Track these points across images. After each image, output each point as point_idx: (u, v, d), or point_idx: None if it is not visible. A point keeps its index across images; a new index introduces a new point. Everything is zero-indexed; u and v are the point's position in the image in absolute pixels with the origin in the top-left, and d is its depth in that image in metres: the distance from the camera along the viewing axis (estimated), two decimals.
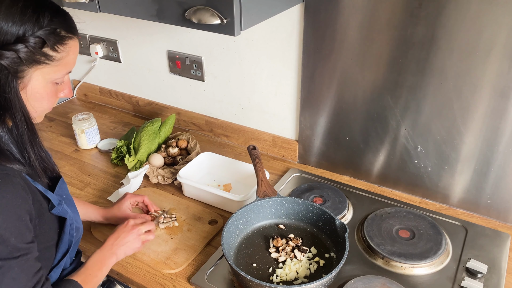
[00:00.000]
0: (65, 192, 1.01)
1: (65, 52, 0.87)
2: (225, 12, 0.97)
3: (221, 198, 1.35)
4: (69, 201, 1.02)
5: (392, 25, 1.20)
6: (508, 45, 1.09)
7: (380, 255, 1.17)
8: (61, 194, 0.98)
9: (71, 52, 0.88)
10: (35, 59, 0.82)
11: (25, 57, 0.80)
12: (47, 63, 0.84)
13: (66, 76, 0.92)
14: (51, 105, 0.92)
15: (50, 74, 0.86)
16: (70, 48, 0.88)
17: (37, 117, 0.91)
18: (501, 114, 1.17)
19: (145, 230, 1.18)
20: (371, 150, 1.42)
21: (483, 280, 1.10)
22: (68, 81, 0.94)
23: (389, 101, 1.31)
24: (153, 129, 1.66)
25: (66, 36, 0.86)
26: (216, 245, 1.25)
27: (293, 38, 1.39)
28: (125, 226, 1.15)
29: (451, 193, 1.35)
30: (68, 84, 0.94)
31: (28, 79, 0.84)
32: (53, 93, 0.90)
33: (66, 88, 0.94)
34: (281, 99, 1.54)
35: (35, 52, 0.81)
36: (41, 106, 0.89)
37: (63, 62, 0.87)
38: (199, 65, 1.66)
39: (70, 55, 0.88)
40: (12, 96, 0.82)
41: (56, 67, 0.86)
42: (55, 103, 0.93)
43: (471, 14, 1.10)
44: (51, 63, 0.85)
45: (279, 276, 1.11)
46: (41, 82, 0.86)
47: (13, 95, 0.82)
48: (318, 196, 1.37)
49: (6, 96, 0.81)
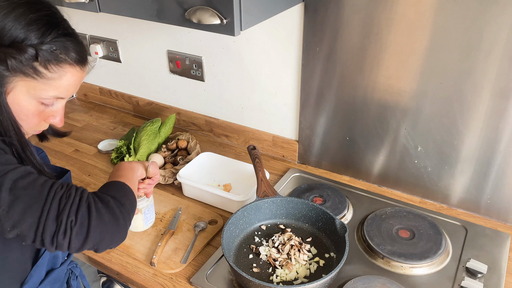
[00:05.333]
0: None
1: (57, 74, 0.82)
2: (225, 12, 0.97)
3: (221, 198, 1.35)
4: None
5: (391, 24, 1.20)
6: (508, 45, 1.09)
7: (380, 255, 1.17)
8: None
9: (65, 77, 0.83)
10: (22, 69, 0.78)
11: (12, 64, 0.77)
12: (34, 77, 0.80)
13: (60, 103, 0.88)
14: (34, 125, 0.87)
15: (36, 90, 0.81)
16: (66, 72, 0.83)
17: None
18: (501, 114, 1.17)
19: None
20: (371, 150, 1.42)
21: (483, 280, 1.10)
22: (61, 109, 0.89)
23: (389, 101, 1.31)
24: (153, 129, 1.66)
25: (65, 60, 0.82)
26: (216, 245, 1.25)
27: (293, 38, 1.39)
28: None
29: (451, 193, 1.35)
30: (60, 112, 0.89)
31: (12, 87, 0.80)
32: (36, 112, 0.85)
33: (57, 115, 0.89)
34: (281, 99, 1.54)
35: (23, 63, 0.78)
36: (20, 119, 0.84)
37: (53, 84, 0.82)
38: (199, 65, 1.66)
39: (63, 79, 0.83)
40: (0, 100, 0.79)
41: (43, 86, 0.82)
42: (39, 124, 0.88)
43: (471, 14, 1.10)
44: (39, 79, 0.80)
45: (279, 276, 1.11)
46: (24, 94, 0.81)
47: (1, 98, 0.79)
48: (318, 196, 1.37)
49: None
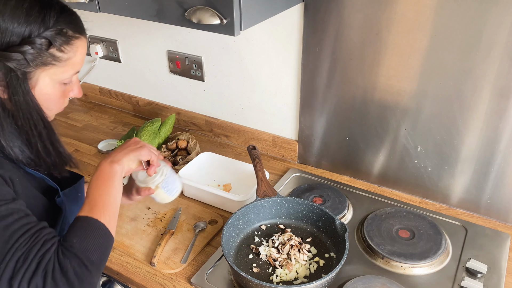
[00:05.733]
0: (80, 191, 1.01)
1: (72, 53, 0.85)
2: (225, 12, 0.97)
3: (221, 198, 1.35)
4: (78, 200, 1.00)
5: (392, 24, 1.20)
6: (508, 45, 1.09)
7: (380, 255, 1.17)
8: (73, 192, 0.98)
9: (78, 52, 0.87)
10: (42, 60, 0.81)
11: (31, 59, 0.79)
12: (54, 64, 0.83)
13: (75, 76, 0.91)
14: (60, 106, 0.91)
15: (57, 74, 0.85)
16: (77, 48, 0.86)
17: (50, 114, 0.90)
18: (501, 114, 1.17)
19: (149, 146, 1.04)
20: (371, 150, 1.42)
21: (483, 280, 1.10)
22: (76, 81, 0.93)
23: (389, 101, 1.31)
24: (153, 129, 1.66)
25: (73, 36, 0.85)
26: (216, 245, 1.25)
27: (293, 38, 1.39)
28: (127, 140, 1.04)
29: (451, 193, 1.35)
30: (76, 83, 0.93)
31: (36, 80, 0.83)
32: (61, 93, 0.89)
33: (75, 88, 0.92)
34: (281, 99, 1.54)
35: (41, 54, 0.80)
36: (49, 106, 0.88)
37: (70, 63, 0.86)
38: (199, 65, 1.66)
39: (77, 55, 0.87)
40: (25, 97, 0.82)
41: (63, 68, 0.85)
42: (64, 103, 0.93)
43: (471, 14, 1.10)
44: (58, 64, 0.84)
45: (279, 276, 1.11)
46: (48, 83, 0.85)
47: (26, 95, 0.82)
48: (318, 196, 1.37)
49: (18, 98, 0.81)
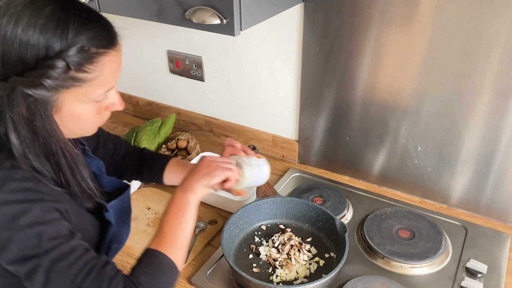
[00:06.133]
0: (126, 201, 0.96)
1: (98, 71, 0.74)
2: (225, 12, 0.97)
3: (221, 198, 1.35)
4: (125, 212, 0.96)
5: (392, 24, 1.20)
6: (508, 45, 1.09)
7: (380, 255, 1.17)
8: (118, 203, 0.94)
9: (105, 69, 0.75)
10: (61, 84, 0.71)
11: (49, 84, 0.70)
12: (78, 86, 0.73)
13: (112, 91, 0.81)
14: (98, 121, 0.82)
15: (85, 95, 0.75)
16: (104, 65, 0.75)
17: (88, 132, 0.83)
18: (501, 114, 1.17)
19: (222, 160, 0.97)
20: (371, 150, 1.42)
21: (483, 280, 1.10)
22: (115, 95, 0.82)
23: (389, 101, 1.31)
24: (153, 129, 1.66)
25: (97, 53, 0.73)
26: (216, 245, 1.25)
27: (293, 38, 1.39)
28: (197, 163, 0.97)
29: (451, 193, 1.35)
30: (116, 97, 0.82)
31: (60, 103, 0.74)
32: (95, 111, 0.79)
33: (115, 102, 0.82)
34: (281, 99, 1.54)
35: (59, 78, 0.70)
36: (83, 126, 0.81)
37: (98, 82, 0.75)
38: (199, 65, 1.66)
39: (105, 72, 0.76)
40: (45, 124, 0.73)
41: (91, 88, 0.75)
42: (103, 117, 0.83)
43: (471, 14, 1.10)
44: (83, 84, 0.74)
45: (279, 276, 1.11)
46: (75, 104, 0.75)
47: (46, 122, 0.73)
48: (318, 196, 1.37)
49: (38, 123, 0.73)
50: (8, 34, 0.69)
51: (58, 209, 0.77)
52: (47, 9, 0.70)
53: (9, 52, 0.69)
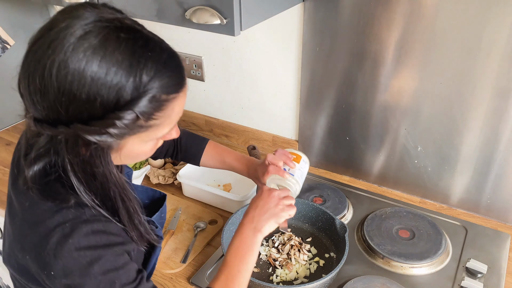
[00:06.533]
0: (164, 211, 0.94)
1: (166, 115, 0.70)
2: (225, 12, 0.97)
3: (221, 198, 1.35)
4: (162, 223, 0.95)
5: (392, 24, 1.20)
6: (508, 45, 1.09)
7: (380, 255, 1.17)
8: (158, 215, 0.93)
9: (174, 111, 0.72)
10: (127, 132, 0.67)
11: (115, 133, 0.65)
12: (144, 131, 0.69)
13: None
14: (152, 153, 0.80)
15: (149, 136, 0.72)
16: (173, 108, 0.71)
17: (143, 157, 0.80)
18: (501, 114, 1.17)
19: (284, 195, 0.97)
20: (371, 150, 1.42)
21: (483, 280, 1.10)
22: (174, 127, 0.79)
23: (389, 101, 1.31)
24: None
25: (167, 99, 0.69)
26: (216, 245, 1.25)
27: (293, 38, 1.39)
28: (260, 195, 0.96)
29: (451, 193, 1.35)
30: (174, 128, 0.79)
31: (122, 145, 0.71)
32: (154, 145, 0.77)
33: (172, 133, 0.79)
34: (281, 99, 1.54)
35: (126, 128, 0.66)
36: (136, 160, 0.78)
37: (165, 123, 0.72)
38: (199, 65, 1.66)
39: (173, 114, 0.72)
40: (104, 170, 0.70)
41: (155, 130, 0.71)
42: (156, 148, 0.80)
43: (471, 14, 1.10)
44: (149, 129, 0.70)
45: (279, 276, 1.11)
46: (138, 145, 0.72)
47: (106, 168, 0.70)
48: (318, 196, 1.37)
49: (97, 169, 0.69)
50: (75, 81, 0.62)
51: (128, 251, 0.76)
52: (118, 53, 0.63)
53: (76, 100, 0.63)
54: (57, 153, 0.69)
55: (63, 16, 0.65)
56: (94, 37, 0.62)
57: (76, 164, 0.68)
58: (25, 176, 0.71)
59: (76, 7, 0.66)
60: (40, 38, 0.64)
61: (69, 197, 0.71)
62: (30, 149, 0.72)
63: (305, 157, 1.09)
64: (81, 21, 0.63)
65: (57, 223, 0.70)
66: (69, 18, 0.64)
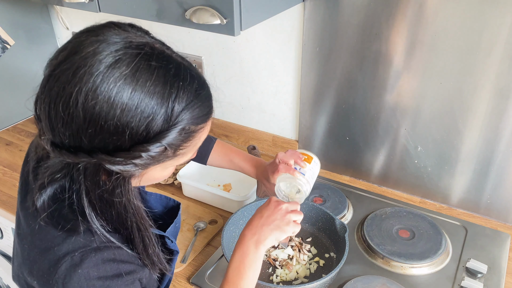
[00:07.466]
0: (178, 221, 0.91)
1: (192, 145, 0.68)
2: (225, 12, 0.97)
3: (221, 198, 1.35)
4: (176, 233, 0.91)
5: (392, 24, 1.20)
6: (508, 45, 1.09)
7: (380, 255, 1.17)
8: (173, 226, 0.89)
9: (199, 140, 0.70)
10: (152, 163, 0.65)
11: (141, 164, 0.63)
12: (168, 160, 0.67)
13: None
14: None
15: (173, 163, 0.70)
16: (199, 138, 0.69)
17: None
18: (501, 114, 1.17)
19: (292, 209, 0.93)
20: (371, 150, 1.42)
21: (483, 280, 1.10)
22: None
23: (389, 101, 1.31)
24: None
25: (195, 130, 0.66)
26: (216, 245, 1.25)
27: (293, 38, 1.39)
28: (267, 205, 0.92)
29: (451, 193, 1.35)
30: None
31: (144, 172, 0.68)
32: (173, 169, 0.75)
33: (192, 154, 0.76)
34: (281, 99, 1.54)
35: (152, 158, 0.63)
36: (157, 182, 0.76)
37: (190, 151, 0.70)
38: (199, 65, 1.66)
39: (198, 142, 0.70)
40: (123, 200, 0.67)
41: (181, 158, 0.70)
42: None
43: (471, 14, 1.10)
44: (175, 158, 0.68)
45: (279, 276, 1.11)
46: (160, 171, 0.70)
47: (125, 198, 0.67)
48: (318, 196, 1.37)
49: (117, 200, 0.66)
50: (104, 112, 0.58)
51: (139, 279, 0.74)
52: (150, 83, 0.60)
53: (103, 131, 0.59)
54: (73, 179, 0.65)
55: (89, 38, 0.60)
56: (125, 66, 0.58)
57: (93, 192, 0.65)
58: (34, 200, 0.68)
59: (102, 28, 0.62)
60: (64, 63, 0.59)
61: (78, 223, 0.67)
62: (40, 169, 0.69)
63: (316, 158, 1.07)
64: (110, 47, 0.59)
65: (66, 251, 0.67)
66: (96, 42, 0.59)
